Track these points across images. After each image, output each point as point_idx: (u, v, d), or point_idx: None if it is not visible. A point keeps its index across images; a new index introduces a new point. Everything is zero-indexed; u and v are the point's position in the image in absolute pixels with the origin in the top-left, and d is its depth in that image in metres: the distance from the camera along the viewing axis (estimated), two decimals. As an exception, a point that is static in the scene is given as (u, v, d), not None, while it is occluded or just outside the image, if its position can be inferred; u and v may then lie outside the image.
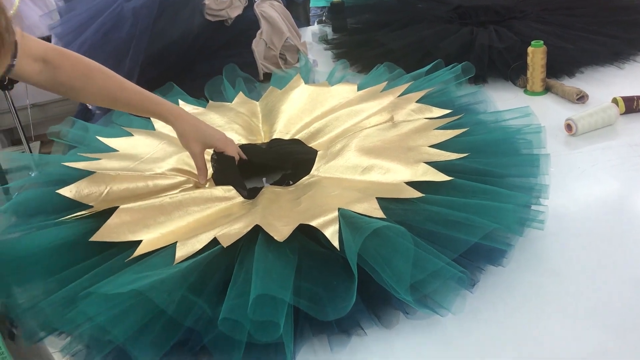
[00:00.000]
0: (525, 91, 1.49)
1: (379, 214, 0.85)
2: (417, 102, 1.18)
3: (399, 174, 0.96)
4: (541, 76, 1.45)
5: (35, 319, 0.82)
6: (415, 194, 0.89)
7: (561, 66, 1.52)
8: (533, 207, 0.93)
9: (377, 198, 0.89)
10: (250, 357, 0.74)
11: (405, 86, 1.25)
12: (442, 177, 0.93)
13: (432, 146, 1.02)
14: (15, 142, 3.64)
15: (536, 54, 1.43)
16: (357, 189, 0.95)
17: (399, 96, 1.22)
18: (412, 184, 0.92)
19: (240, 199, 1.03)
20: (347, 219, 0.84)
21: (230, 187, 1.05)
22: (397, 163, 0.98)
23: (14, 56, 0.91)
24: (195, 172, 1.11)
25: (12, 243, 0.94)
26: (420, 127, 1.09)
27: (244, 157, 1.13)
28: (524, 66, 1.47)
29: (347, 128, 1.16)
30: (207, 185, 1.09)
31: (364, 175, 0.99)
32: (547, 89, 1.47)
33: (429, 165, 0.96)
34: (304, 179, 1.05)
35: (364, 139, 1.08)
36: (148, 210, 0.98)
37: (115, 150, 1.20)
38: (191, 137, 1.07)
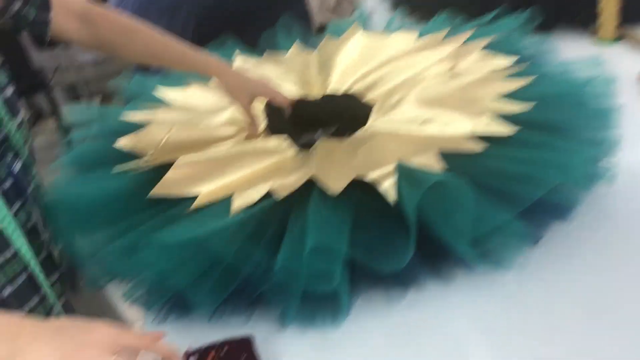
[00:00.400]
0: (596, 40, 1.40)
1: (439, 167, 0.82)
2: (480, 51, 1.13)
3: (460, 126, 0.92)
4: (614, 23, 1.36)
5: (97, 266, 0.84)
6: (478, 146, 0.86)
7: (637, 12, 1.42)
8: (602, 162, 0.88)
9: (437, 151, 0.86)
10: (306, 307, 0.75)
11: (467, 34, 1.20)
12: (506, 129, 0.89)
13: (496, 97, 0.97)
14: (76, 98, 3.74)
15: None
16: (416, 142, 0.92)
17: (461, 45, 1.17)
18: (475, 137, 0.89)
19: (294, 150, 1.02)
20: (405, 172, 0.82)
21: (284, 138, 1.04)
22: (458, 115, 0.94)
23: (49, 10, 0.92)
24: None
25: (73, 193, 0.96)
26: (484, 77, 1.04)
27: (295, 100, 1.11)
28: (595, 13, 1.38)
29: (406, 79, 1.12)
30: (260, 137, 1.08)
31: (423, 127, 0.96)
32: (620, 38, 1.38)
33: (493, 117, 0.92)
34: (359, 131, 1.03)
35: (424, 90, 1.04)
36: (204, 163, 0.99)
37: (171, 103, 1.20)
38: (237, 91, 1.06)
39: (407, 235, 0.75)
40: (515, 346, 0.71)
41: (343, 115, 1.13)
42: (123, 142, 1.06)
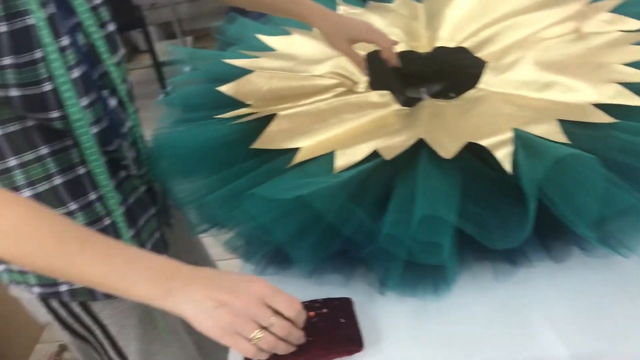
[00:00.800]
0: None
1: (562, 138, 0.76)
2: (608, 12, 1.03)
3: (584, 94, 0.85)
4: None
5: (199, 212, 0.84)
6: (606, 118, 0.79)
7: None
8: None
9: (558, 120, 0.80)
10: (408, 275, 0.72)
11: (595, -7, 1.10)
12: (638, 101, 0.81)
13: (627, 64, 0.89)
14: (170, 36, 3.81)
15: None
16: (534, 108, 0.86)
17: (587, 4, 1.07)
18: (601, 107, 0.81)
19: (396, 106, 0.98)
20: (524, 142, 0.76)
21: (386, 92, 1.00)
22: (582, 81, 0.87)
23: None
24: (351, 77, 1.07)
25: (176, 137, 0.97)
26: (613, 41, 0.95)
27: (395, 42, 1.06)
28: None
29: (523, 38, 1.04)
30: (362, 88, 1.05)
31: (542, 92, 0.89)
32: None
33: (623, 86, 0.84)
34: (470, 92, 0.97)
35: (544, 51, 0.97)
36: (304, 116, 0.97)
37: (273, 50, 1.18)
38: (335, 36, 1.02)
39: (523, 211, 0.70)
40: (626, 338, 0.66)
41: (451, 71, 1.07)
42: (224, 89, 1.06)
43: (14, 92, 0.71)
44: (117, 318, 0.93)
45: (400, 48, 1.13)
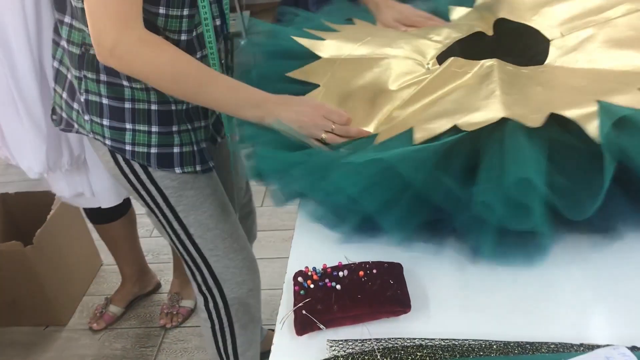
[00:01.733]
0: None
1: (646, 107, 0.77)
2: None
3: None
4: None
5: (284, 185, 0.85)
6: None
7: None
8: None
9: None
10: (502, 243, 0.73)
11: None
12: None
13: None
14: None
15: None
16: (613, 79, 0.86)
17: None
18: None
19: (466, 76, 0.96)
20: (609, 113, 0.76)
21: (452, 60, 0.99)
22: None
23: None
24: (420, 57, 1.07)
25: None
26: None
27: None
28: None
29: (589, 12, 1.03)
30: (430, 66, 1.05)
31: (615, 64, 0.89)
32: None
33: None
34: (538, 67, 0.97)
35: (613, 29, 0.96)
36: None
37: (336, 31, 1.18)
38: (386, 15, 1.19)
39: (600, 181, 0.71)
40: None
41: (517, 49, 1.07)
42: (295, 74, 1.06)
43: None
44: (175, 188, 1.11)
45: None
